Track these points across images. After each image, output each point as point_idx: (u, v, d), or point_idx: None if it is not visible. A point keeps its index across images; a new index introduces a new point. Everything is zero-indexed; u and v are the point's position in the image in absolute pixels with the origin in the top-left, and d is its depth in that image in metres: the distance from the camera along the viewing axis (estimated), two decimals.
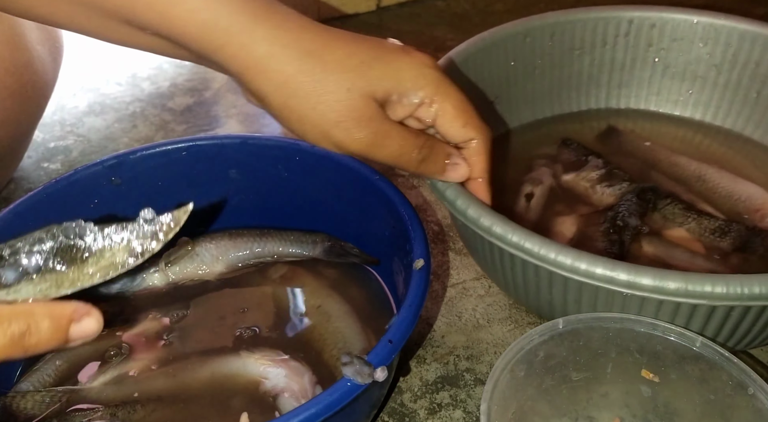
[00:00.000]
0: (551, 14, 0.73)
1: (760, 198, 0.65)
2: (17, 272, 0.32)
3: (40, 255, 0.33)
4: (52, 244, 0.33)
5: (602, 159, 0.69)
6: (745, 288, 0.43)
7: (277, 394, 0.48)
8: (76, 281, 0.34)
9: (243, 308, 0.56)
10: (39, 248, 0.33)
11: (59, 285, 0.33)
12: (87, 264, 0.34)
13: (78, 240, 0.34)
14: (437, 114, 0.50)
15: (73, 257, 0.33)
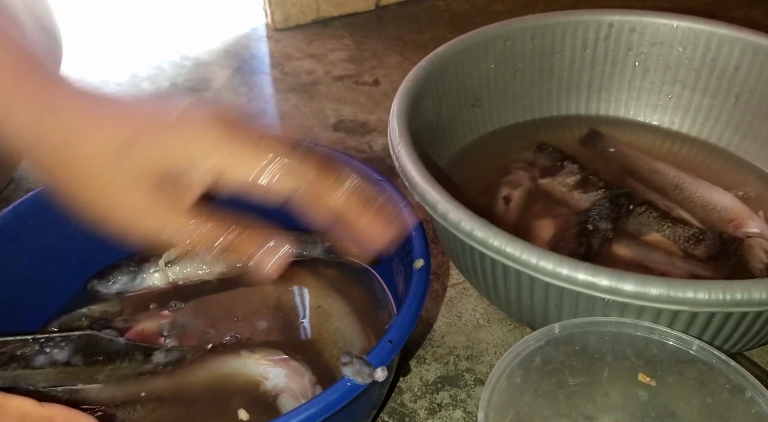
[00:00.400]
0: (531, 17, 0.73)
1: (734, 209, 0.65)
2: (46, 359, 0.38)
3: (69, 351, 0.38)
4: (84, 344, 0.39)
5: (578, 165, 0.69)
6: (726, 294, 0.43)
7: (278, 394, 0.48)
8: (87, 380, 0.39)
9: (243, 308, 0.56)
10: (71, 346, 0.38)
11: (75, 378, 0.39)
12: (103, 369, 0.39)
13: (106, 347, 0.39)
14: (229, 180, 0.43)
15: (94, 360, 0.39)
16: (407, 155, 0.55)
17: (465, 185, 0.68)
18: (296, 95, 0.98)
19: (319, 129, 0.90)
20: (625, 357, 0.48)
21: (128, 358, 0.40)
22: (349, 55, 1.08)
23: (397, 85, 0.63)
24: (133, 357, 0.40)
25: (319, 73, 1.03)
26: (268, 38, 1.13)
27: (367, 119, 0.92)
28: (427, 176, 0.53)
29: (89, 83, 0.94)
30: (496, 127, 0.75)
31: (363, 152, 0.86)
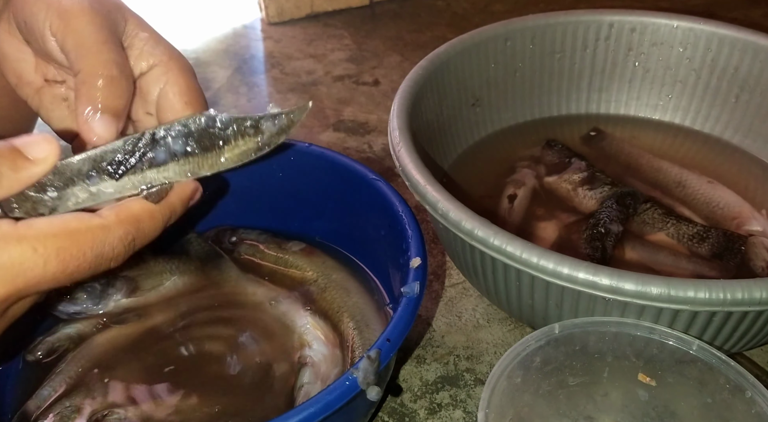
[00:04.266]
0: (531, 17, 0.73)
1: (738, 206, 0.65)
2: (167, 154, 0.36)
3: (184, 140, 0.36)
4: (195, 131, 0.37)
5: (585, 162, 0.69)
6: (727, 294, 0.43)
7: (306, 363, 0.50)
8: (213, 166, 0.38)
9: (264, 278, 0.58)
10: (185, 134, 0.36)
11: (199, 167, 0.37)
12: (223, 151, 0.38)
13: (216, 129, 0.37)
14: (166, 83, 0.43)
15: (212, 144, 0.37)
16: (407, 155, 0.55)
17: (467, 187, 0.68)
18: (296, 95, 0.98)
19: (319, 129, 0.90)
20: (625, 357, 0.48)
21: (240, 134, 0.38)
22: (349, 55, 1.08)
23: (397, 86, 0.63)
24: (244, 133, 0.38)
25: (319, 73, 1.03)
26: (268, 38, 1.13)
27: (367, 119, 0.92)
28: (428, 176, 0.53)
29: None
30: (496, 127, 0.75)
31: (363, 152, 0.85)
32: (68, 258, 0.32)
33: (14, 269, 0.30)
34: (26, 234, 0.31)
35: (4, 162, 0.32)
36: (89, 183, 0.35)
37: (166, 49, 0.43)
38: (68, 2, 0.40)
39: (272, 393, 0.49)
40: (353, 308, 0.54)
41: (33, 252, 0.31)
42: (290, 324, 0.54)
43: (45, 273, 0.31)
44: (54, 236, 0.32)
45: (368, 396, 0.40)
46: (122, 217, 0.35)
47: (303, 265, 0.58)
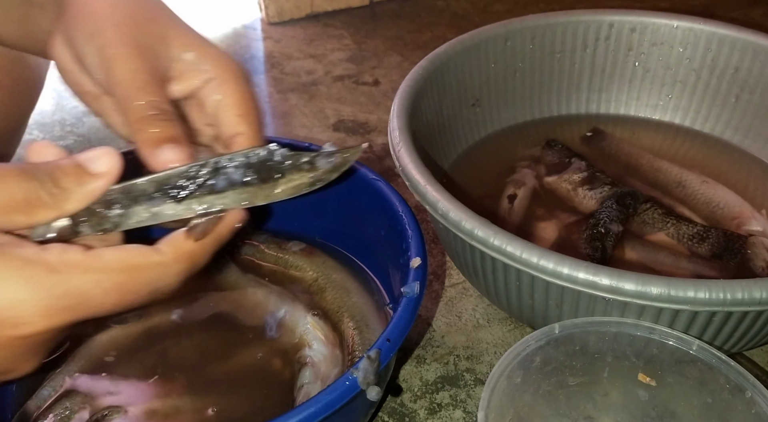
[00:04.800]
0: (531, 17, 0.73)
1: (738, 206, 0.65)
2: (226, 182, 0.38)
3: (244, 171, 0.38)
4: (255, 163, 0.39)
5: (585, 162, 0.69)
6: (727, 294, 0.43)
7: (306, 364, 0.50)
8: (267, 197, 0.40)
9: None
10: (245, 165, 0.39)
11: (255, 197, 0.39)
12: (278, 184, 0.40)
13: (274, 163, 0.39)
14: (222, 97, 0.44)
15: (268, 176, 0.39)
16: (407, 155, 0.55)
17: (467, 187, 0.68)
18: (296, 95, 0.98)
19: (319, 129, 0.90)
20: (625, 357, 0.48)
21: (297, 168, 0.40)
22: (349, 55, 1.08)
23: (397, 85, 0.63)
24: (300, 168, 0.40)
25: (319, 73, 1.03)
26: (268, 38, 1.13)
27: (367, 119, 0.92)
28: (428, 176, 0.53)
29: None
30: (496, 127, 0.75)
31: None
32: (126, 293, 0.34)
33: (79, 298, 0.32)
34: (94, 266, 0.33)
35: (70, 179, 0.34)
36: (152, 204, 0.37)
37: (215, 62, 0.44)
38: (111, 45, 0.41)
39: (272, 393, 0.49)
40: (353, 308, 0.54)
41: (97, 284, 0.32)
42: (290, 324, 0.54)
43: (103, 305, 0.33)
44: (117, 271, 0.33)
45: (368, 396, 0.40)
46: (179, 254, 0.36)
47: (303, 265, 0.58)
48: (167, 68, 0.44)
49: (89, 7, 0.42)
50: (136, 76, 0.41)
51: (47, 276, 0.31)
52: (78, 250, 0.33)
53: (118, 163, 0.36)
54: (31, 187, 0.33)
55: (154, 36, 0.43)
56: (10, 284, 0.31)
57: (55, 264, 0.32)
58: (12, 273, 0.31)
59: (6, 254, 0.31)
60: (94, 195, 0.35)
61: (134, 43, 0.42)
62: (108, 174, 0.36)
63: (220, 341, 0.53)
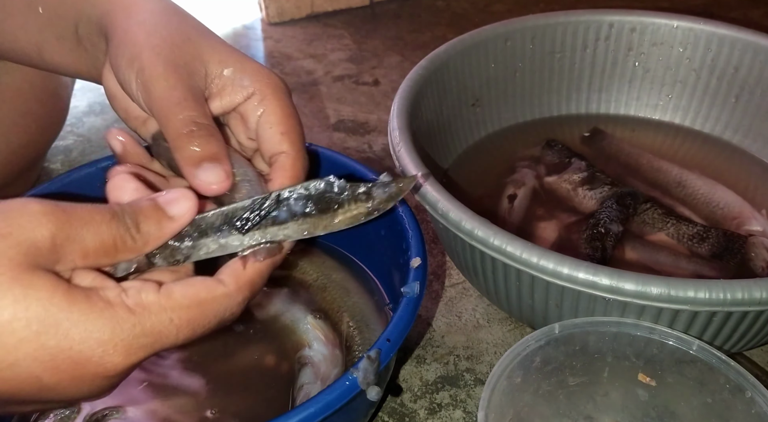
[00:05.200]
0: (531, 17, 0.73)
1: (738, 206, 0.65)
2: (288, 214, 0.40)
3: (304, 202, 0.40)
4: (314, 194, 0.40)
5: (585, 162, 0.69)
6: (727, 294, 0.43)
7: (306, 364, 0.50)
8: (327, 227, 0.41)
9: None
10: (305, 197, 0.40)
11: (315, 228, 0.41)
12: (337, 214, 0.41)
13: (333, 194, 0.41)
14: (263, 112, 0.45)
15: (327, 206, 0.41)
16: (408, 155, 0.55)
17: (467, 187, 0.68)
18: (296, 95, 0.98)
19: (319, 129, 0.90)
20: (625, 357, 0.48)
21: (354, 199, 0.41)
22: (349, 55, 1.08)
23: (397, 85, 0.63)
24: (358, 198, 0.41)
25: (319, 73, 1.03)
26: (268, 38, 1.13)
27: (367, 118, 0.92)
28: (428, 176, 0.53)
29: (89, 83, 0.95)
30: (496, 127, 0.75)
31: (363, 152, 0.86)
32: (196, 327, 0.36)
33: (155, 336, 0.34)
34: (166, 305, 0.35)
35: (150, 222, 0.37)
36: (219, 236, 0.39)
37: (255, 77, 0.45)
38: (148, 67, 0.42)
39: (272, 393, 0.49)
40: (353, 308, 0.54)
41: (170, 322, 0.35)
42: (290, 323, 0.54)
43: (176, 341, 0.35)
44: (187, 308, 0.35)
45: (368, 396, 0.40)
46: (241, 284, 0.38)
47: (303, 265, 0.58)
48: (206, 85, 0.45)
49: (128, 35, 0.44)
50: (172, 93, 0.42)
51: (127, 317, 0.33)
52: (152, 290, 0.35)
53: (194, 206, 0.38)
54: (118, 231, 0.36)
55: (191, 55, 0.44)
56: (97, 323, 0.33)
57: (133, 306, 0.34)
58: (98, 313, 0.33)
59: (93, 296, 0.33)
60: (168, 237, 0.38)
61: (170, 63, 0.43)
62: (184, 216, 0.38)
63: (220, 341, 0.53)
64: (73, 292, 0.33)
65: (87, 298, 0.33)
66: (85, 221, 0.34)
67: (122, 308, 0.34)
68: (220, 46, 0.46)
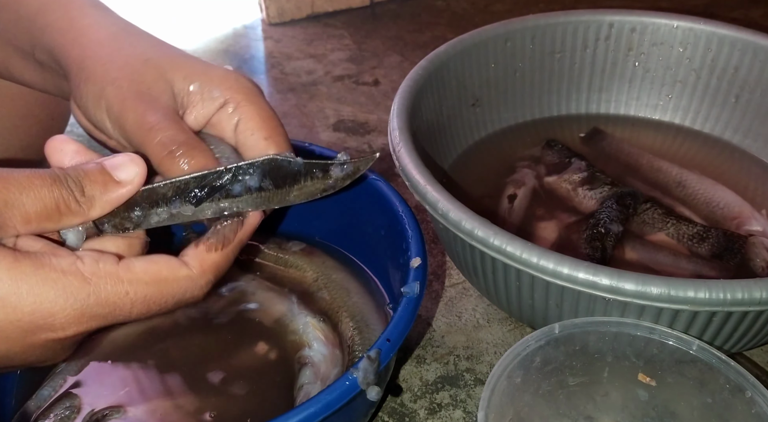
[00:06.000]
0: (531, 17, 0.73)
1: (738, 206, 0.65)
2: (243, 188, 0.40)
3: (260, 178, 0.41)
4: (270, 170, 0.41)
5: (585, 162, 0.69)
6: (727, 293, 0.43)
7: (306, 364, 0.50)
8: (281, 201, 0.42)
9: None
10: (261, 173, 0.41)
11: (269, 201, 0.42)
12: (292, 190, 0.42)
13: (288, 169, 0.41)
14: (240, 120, 0.44)
15: (282, 182, 0.41)
16: (407, 155, 0.55)
17: (467, 187, 0.68)
18: (296, 95, 0.98)
19: (319, 129, 0.90)
20: (625, 357, 0.48)
21: (310, 176, 0.42)
22: (349, 55, 1.08)
23: (397, 86, 0.63)
24: (314, 175, 0.42)
25: (319, 73, 1.03)
26: (268, 38, 1.13)
27: (367, 119, 0.92)
28: (428, 176, 0.53)
29: None
30: (496, 127, 0.75)
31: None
32: (152, 304, 0.36)
33: (109, 307, 0.34)
34: (124, 278, 0.35)
35: (95, 186, 0.36)
36: (171, 207, 0.39)
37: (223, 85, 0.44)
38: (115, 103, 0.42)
39: (272, 394, 0.49)
40: (353, 308, 0.54)
41: (125, 295, 0.34)
42: (290, 323, 0.54)
43: (129, 315, 0.35)
44: (145, 284, 0.35)
45: (368, 396, 0.40)
46: (205, 267, 0.38)
47: (303, 265, 0.58)
48: (177, 104, 0.44)
49: (86, 73, 0.43)
50: (144, 121, 0.41)
51: (81, 287, 0.33)
52: (110, 261, 0.35)
53: (143, 171, 0.37)
54: (61, 195, 0.35)
55: (152, 77, 0.43)
56: (49, 293, 0.32)
57: (89, 275, 0.34)
58: (50, 283, 0.33)
59: (45, 264, 0.33)
60: (118, 203, 0.37)
61: (134, 93, 0.42)
62: (132, 182, 0.37)
63: (220, 341, 0.53)
64: (20, 261, 0.32)
65: (37, 266, 0.33)
66: (24, 185, 0.33)
67: (77, 277, 0.33)
68: (181, 61, 0.45)
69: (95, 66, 0.43)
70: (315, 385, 0.48)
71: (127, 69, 0.43)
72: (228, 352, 0.52)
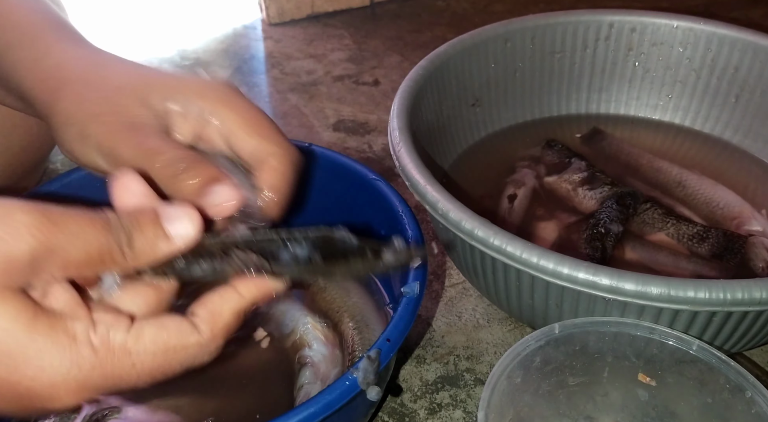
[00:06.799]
0: (531, 17, 0.73)
1: (738, 206, 0.65)
2: (290, 256, 0.39)
3: (309, 249, 0.39)
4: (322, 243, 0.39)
5: (585, 162, 0.69)
6: (727, 293, 0.43)
7: (306, 364, 0.50)
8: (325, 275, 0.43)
9: None
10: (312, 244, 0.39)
11: (314, 273, 0.40)
12: (337, 265, 0.40)
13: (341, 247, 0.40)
14: (225, 128, 0.43)
15: (332, 257, 0.40)
16: (408, 155, 0.55)
17: (467, 187, 0.68)
18: (296, 95, 0.98)
19: (319, 129, 0.90)
20: (625, 357, 0.48)
21: (361, 257, 0.40)
22: (349, 55, 1.08)
23: (397, 86, 0.63)
24: (365, 257, 0.41)
25: (319, 73, 1.03)
26: (268, 38, 1.13)
27: (367, 119, 0.92)
28: (428, 176, 0.53)
29: None
30: (496, 127, 0.75)
31: (363, 152, 0.85)
32: (157, 374, 0.34)
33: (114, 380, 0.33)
34: (131, 349, 0.33)
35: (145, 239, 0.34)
36: (215, 263, 0.37)
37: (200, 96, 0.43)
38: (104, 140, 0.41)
39: (272, 394, 0.49)
40: (353, 308, 0.54)
41: (131, 367, 0.33)
42: (290, 324, 0.54)
43: (134, 385, 0.34)
44: (153, 355, 0.34)
45: (368, 396, 0.40)
46: (216, 331, 0.37)
47: None
48: (162, 126, 0.43)
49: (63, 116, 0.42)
50: (141, 149, 0.40)
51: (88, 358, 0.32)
52: (122, 328, 0.33)
53: (196, 229, 0.35)
54: (107, 243, 0.33)
55: (133, 105, 0.42)
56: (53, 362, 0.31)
57: (98, 346, 0.32)
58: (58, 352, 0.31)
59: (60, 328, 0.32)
60: (157, 258, 0.35)
61: (120, 126, 0.41)
62: (183, 239, 0.35)
63: None
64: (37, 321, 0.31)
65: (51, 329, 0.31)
66: (75, 234, 0.31)
67: (86, 347, 0.32)
68: (154, 80, 0.44)
69: (71, 106, 0.42)
70: (315, 385, 0.48)
71: (106, 103, 0.42)
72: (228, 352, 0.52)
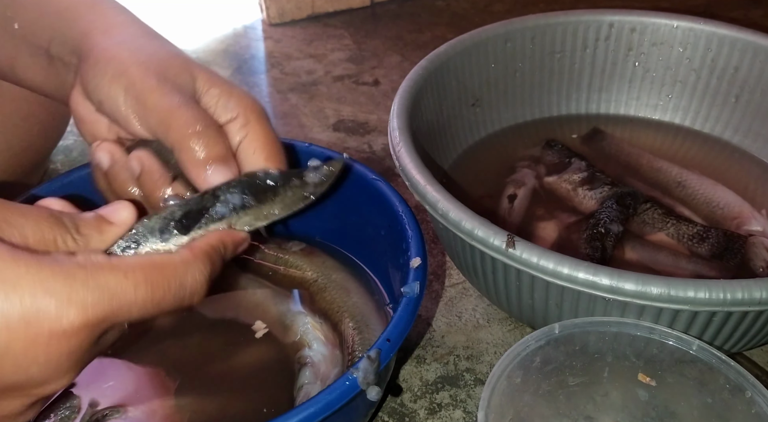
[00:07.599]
0: (531, 17, 0.73)
1: (738, 206, 0.65)
2: (226, 207, 0.42)
3: (239, 194, 0.42)
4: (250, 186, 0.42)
5: (585, 162, 0.69)
6: (727, 293, 0.43)
7: (306, 364, 0.50)
8: (268, 216, 0.43)
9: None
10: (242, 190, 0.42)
11: (257, 218, 0.43)
12: (275, 202, 0.43)
13: (266, 184, 0.43)
14: (246, 137, 0.45)
15: (264, 196, 0.43)
16: (408, 155, 0.55)
17: (467, 187, 0.68)
18: (296, 95, 0.98)
19: (319, 129, 0.90)
20: (625, 357, 0.48)
21: (288, 185, 0.43)
22: (349, 55, 1.08)
23: (397, 86, 0.64)
24: (291, 184, 0.43)
25: (319, 73, 1.03)
26: (268, 38, 1.13)
27: (367, 119, 0.92)
28: (428, 176, 0.53)
29: None
30: (496, 127, 0.75)
31: (363, 152, 0.86)
32: (155, 285, 0.35)
33: (109, 292, 0.33)
34: (118, 264, 0.35)
35: (92, 230, 0.37)
36: (162, 237, 0.40)
37: (240, 101, 0.45)
38: (140, 81, 0.43)
39: (272, 394, 0.49)
40: (353, 308, 0.54)
41: (124, 278, 0.34)
42: (290, 324, 0.54)
43: (136, 298, 0.35)
44: (142, 267, 0.35)
45: (368, 396, 0.40)
46: (196, 252, 0.39)
47: (303, 265, 0.58)
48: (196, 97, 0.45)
49: (109, 53, 0.44)
50: (171, 100, 0.43)
51: (77, 271, 0.33)
52: (101, 255, 0.35)
53: (133, 214, 0.39)
54: (59, 231, 0.36)
55: (179, 68, 0.45)
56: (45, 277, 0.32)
57: (83, 262, 0.34)
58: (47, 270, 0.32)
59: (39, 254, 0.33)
60: (111, 241, 0.38)
61: (161, 76, 0.43)
62: (124, 223, 0.39)
63: (220, 341, 0.53)
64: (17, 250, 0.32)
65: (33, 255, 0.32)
66: (24, 212, 0.34)
67: (72, 264, 0.33)
68: (205, 68, 0.46)
69: (120, 50, 0.44)
70: (315, 385, 0.48)
71: (155, 57, 0.44)
72: (228, 352, 0.52)
